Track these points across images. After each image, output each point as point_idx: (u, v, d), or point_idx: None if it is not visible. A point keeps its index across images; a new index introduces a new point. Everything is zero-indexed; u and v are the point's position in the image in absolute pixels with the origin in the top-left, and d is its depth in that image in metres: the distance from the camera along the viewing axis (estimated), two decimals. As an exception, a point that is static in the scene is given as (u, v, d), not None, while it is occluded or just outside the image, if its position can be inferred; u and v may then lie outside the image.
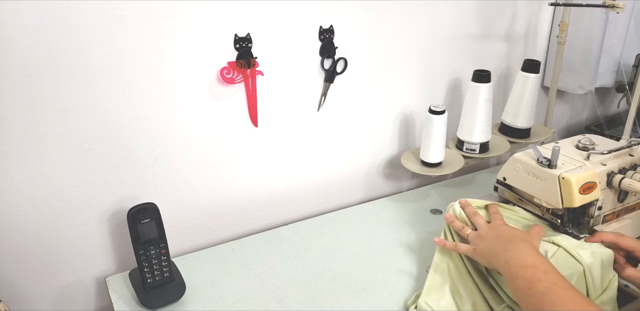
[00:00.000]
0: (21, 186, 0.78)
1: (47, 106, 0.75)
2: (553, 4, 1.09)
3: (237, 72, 0.86)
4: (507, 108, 1.13)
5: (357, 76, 1.00)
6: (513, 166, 0.82)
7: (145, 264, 0.80)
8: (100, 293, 0.93)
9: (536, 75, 1.07)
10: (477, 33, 1.11)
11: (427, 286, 0.78)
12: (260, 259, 0.92)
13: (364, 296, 0.82)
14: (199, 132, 0.89)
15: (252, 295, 0.83)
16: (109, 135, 0.81)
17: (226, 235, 1.01)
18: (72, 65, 0.74)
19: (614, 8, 0.95)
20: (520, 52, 1.22)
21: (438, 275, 0.78)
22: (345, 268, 0.89)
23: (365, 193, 1.16)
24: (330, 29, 0.92)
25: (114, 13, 0.73)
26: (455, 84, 1.15)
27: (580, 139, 0.83)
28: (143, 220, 0.78)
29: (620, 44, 1.23)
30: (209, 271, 0.88)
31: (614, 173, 0.79)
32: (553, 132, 1.19)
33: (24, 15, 0.68)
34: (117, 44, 0.75)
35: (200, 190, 0.94)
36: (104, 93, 0.78)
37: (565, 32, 1.09)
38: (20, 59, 0.70)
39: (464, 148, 1.08)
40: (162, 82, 0.82)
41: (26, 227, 0.81)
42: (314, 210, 1.09)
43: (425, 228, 0.99)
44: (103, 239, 0.89)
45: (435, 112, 1.00)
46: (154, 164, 0.87)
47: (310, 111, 0.99)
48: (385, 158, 1.14)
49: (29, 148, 0.76)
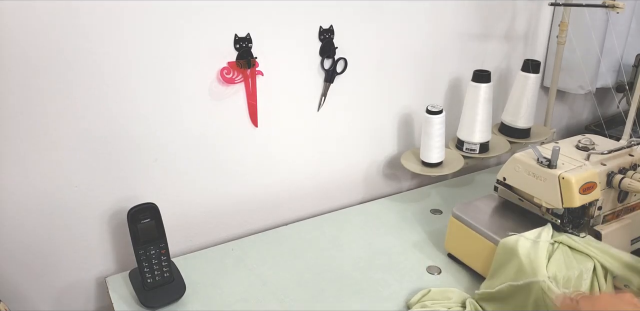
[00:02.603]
0: (21, 186, 0.78)
1: (48, 106, 0.75)
2: (553, 4, 1.09)
3: (237, 72, 0.86)
4: (507, 108, 1.13)
5: (357, 76, 1.00)
6: (513, 166, 0.82)
7: (145, 264, 0.80)
8: (100, 293, 0.93)
9: (536, 75, 1.07)
10: (477, 33, 1.11)
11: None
12: (260, 259, 0.92)
13: (364, 296, 0.82)
14: (199, 132, 0.89)
15: (252, 295, 0.83)
16: (110, 135, 0.81)
17: (226, 235, 1.01)
18: (72, 65, 0.74)
19: (614, 8, 0.95)
20: (520, 52, 1.21)
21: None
22: (345, 268, 0.89)
23: (365, 193, 1.16)
24: (330, 29, 0.92)
25: (115, 13, 0.73)
26: (455, 84, 1.15)
27: (580, 139, 0.83)
28: (143, 220, 0.78)
29: (621, 44, 1.23)
30: (209, 271, 0.88)
31: (614, 173, 0.78)
32: (553, 132, 1.19)
33: (26, 16, 0.68)
34: (118, 44, 0.75)
35: (200, 190, 0.94)
36: (104, 93, 0.78)
37: (565, 32, 1.09)
38: (21, 59, 0.70)
39: (464, 148, 1.08)
40: (162, 82, 0.82)
41: (26, 226, 0.81)
42: (314, 210, 1.09)
43: (425, 228, 0.99)
44: (103, 239, 0.89)
45: (433, 112, 1.00)
46: (154, 164, 0.87)
47: (310, 111, 0.99)
48: (385, 158, 1.14)
49: (29, 148, 0.76)
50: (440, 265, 0.89)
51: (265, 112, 0.93)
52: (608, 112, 1.49)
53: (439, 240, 0.95)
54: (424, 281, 0.85)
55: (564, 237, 0.76)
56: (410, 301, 0.79)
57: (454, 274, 0.87)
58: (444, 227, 0.90)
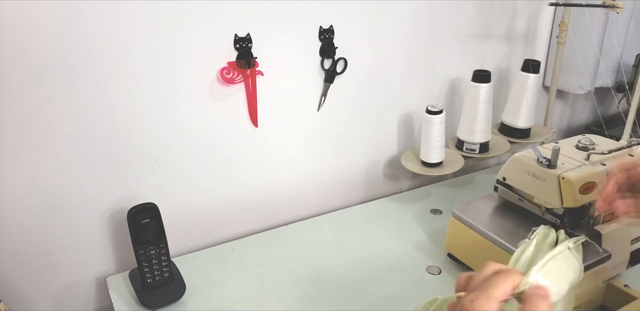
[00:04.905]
0: (21, 186, 0.78)
1: (48, 106, 0.75)
2: (553, 4, 1.09)
3: (237, 72, 0.86)
4: (507, 108, 1.13)
5: (357, 76, 1.00)
6: (513, 166, 0.82)
7: (145, 264, 0.80)
8: (100, 293, 0.93)
9: (536, 75, 1.06)
10: (477, 33, 1.11)
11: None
12: (260, 259, 0.92)
13: (364, 296, 0.82)
14: (199, 132, 0.89)
15: (252, 295, 0.83)
16: (109, 135, 0.81)
17: (226, 235, 1.01)
18: (72, 65, 0.74)
19: (614, 8, 0.95)
20: (520, 52, 1.21)
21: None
22: (345, 268, 0.89)
23: (366, 193, 1.16)
24: (330, 29, 0.92)
25: (115, 13, 0.73)
26: (455, 84, 1.15)
27: (580, 139, 0.83)
28: (143, 220, 0.78)
29: (620, 44, 1.23)
30: (209, 271, 0.88)
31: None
32: (553, 132, 1.19)
33: (25, 16, 0.68)
34: (118, 44, 0.75)
35: (200, 190, 0.94)
36: (104, 93, 0.78)
37: (565, 32, 1.09)
38: (21, 60, 0.70)
39: (464, 148, 1.08)
40: (162, 82, 0.82)
41: (26, 227, 0.81)
42: (314, 210, 1.09)
43: (425, 228, 0.99)
44: (103, 239, 0.89)
45: (433, 112, 1.00)
46: (154, 164, 0.87)
47: (310, 111, 0.99)
48: (386, 158, 1.14)
49: (30, 148, 0.76)
50: (440, 265, 0.89)
51: (265, 112, 0.93)
52: (608, 112, 1.49)
53: (439, 240, 0.95)
54: (424, 281, 0.85)
55: (561, 237, 0.75)
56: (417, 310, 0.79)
57: (454, 274, 0.87)
58: (444, 227, 0.90)
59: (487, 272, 0.49)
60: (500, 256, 0.77)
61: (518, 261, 0.59)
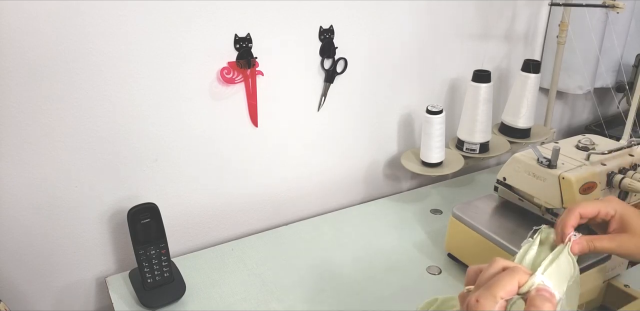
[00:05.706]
0: (21, 186, 0.78)
1: (48, 106, 0.75)
2: (553, 4, 1.09)
3: (237, 72, 0.86)
4: (507, 108, 1.13)
5: (357, 76, 1.00)
6: (513, 166, 0.82)
7: (145, 264, 0.80)
8: (100, 293, 0.93)
9: (536, 75, 1.07)
10: (477, 33, 1.11)
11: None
12: (260, 259, 0.92)
13: (364, 296, 0.82)
14: (199, 132, 0.89)
15: (252, 295, 0.83)
16: (109, 135, 0.81)
17: (226, 235, 1.01)
18: (72, 65, 0.74)
19: (614, 8, 0.95)
20: (520, 52, 1.22)
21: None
22: (345, 268, 0.89)
23: (365, 193, 1.16)
24: (330, 29, 0.92)
25: (115, 13, 0.73)
26: (455, 84, 1.15)
27: (580, 139, 0.83)
28: (143, 220, 0.78)
29: (620, 44, 1.23)
30: (209, 271, 0.88)
31: (614, 173, 0.78)
32: (553, 132, 1.19)
33: (25, 16, 0.68)
34: (118, 44, 0.75)
35: (200, 190, 0.94)
36: (104, 93, 0.78)
37: (565, 32, 1.09)
38: (21, 60, 0.70)
39: (464, 148, 1.08)
40: (162, 82, 0.82)
41: (26, 227, 0.81)
42: (313, 210, 1.09)
43: (425, 228, 0.99)
44: (103, 239, 0.89)
45: (433, 112, 1.00)
46: (154, 164, 0.87)
47: (310, 111, 0.99)
48: (386, 158, 1.14)
49: (30, 148, 0.76)
50: (440, 265, 0.89)
51: (265, 112, 0.93)
52: (608, 112, 1.49)
53: (439, 240, 0.95)
54: (424, 281, 0.85)
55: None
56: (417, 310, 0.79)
57: (454, 274, 0.87)
58: (444, 227, 0.90)
59: (494, 269, 0.49)
60: (500, 256, 0.77)
61: (523, 260, 0.59)
